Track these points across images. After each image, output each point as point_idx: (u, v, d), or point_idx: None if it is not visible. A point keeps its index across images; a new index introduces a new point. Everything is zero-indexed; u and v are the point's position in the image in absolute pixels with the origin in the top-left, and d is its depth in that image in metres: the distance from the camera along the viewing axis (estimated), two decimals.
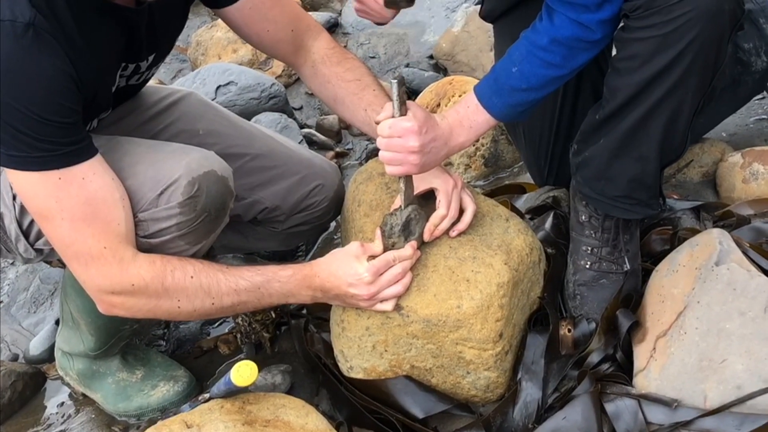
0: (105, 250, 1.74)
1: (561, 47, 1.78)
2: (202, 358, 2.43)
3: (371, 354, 1.96)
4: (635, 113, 1.81)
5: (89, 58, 1.71)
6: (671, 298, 1.90)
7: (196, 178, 1.80)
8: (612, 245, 2.06)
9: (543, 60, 1.79)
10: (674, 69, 1.72)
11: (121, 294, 1.79)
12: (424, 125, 1.78)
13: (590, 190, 2.00)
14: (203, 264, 1.84)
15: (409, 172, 1.84)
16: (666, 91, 1.75)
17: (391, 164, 1.81)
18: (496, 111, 1.87)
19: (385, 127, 1.78)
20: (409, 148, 1.77)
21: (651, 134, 1.84)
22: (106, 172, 1.74)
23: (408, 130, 1.76)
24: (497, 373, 1.95)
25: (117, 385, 2.25)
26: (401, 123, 1.76)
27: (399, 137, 1.77)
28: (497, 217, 2.05)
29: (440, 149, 1.85)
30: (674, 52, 1.70)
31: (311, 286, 1.89)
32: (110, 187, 1.74)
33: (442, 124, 1.86)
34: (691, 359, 1.79)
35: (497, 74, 1.86)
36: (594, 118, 1.92)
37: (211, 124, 2.27)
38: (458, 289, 1.88)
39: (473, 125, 1.89)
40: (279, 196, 2.25)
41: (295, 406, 1.90)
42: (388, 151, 1.80)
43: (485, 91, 1.88)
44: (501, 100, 1.85)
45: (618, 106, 1.83)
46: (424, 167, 1.83)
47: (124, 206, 1.76)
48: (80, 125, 1.71)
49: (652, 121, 1.81)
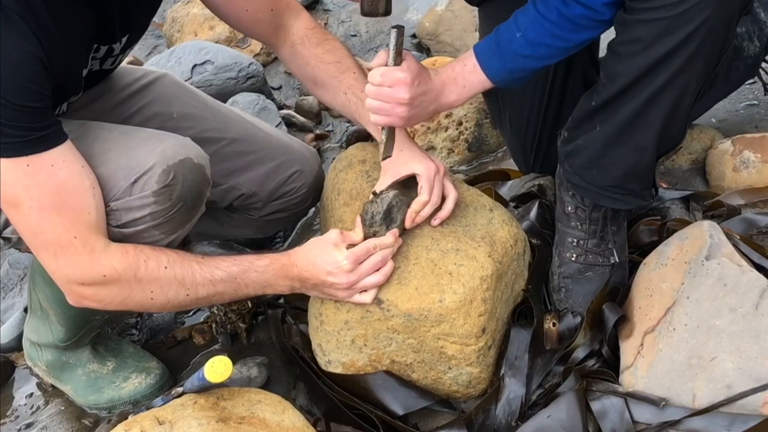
0: (75, 240, 1.68)
1: (569, 23, 1.73)
2: (175, 348, 2.38)
3: (350, 348, 1.91)
4: (635, 100, 1.75)
5: (59, 40, 1.64)
6: (660, 293, 1.86)
7: (171, 166, 1.74)
8: (599, 237, 2.02)
9: (549, 30, 1.74)
10: (680, 53, 1.65)
11: (91, 285, 1.73)
12: (417, 77, 1.74)
13: (580, 179, 1.95)
14: (178, 254, 1.78)
15: (395, 124, 1.79)
16: (670, 76, 1.69)
17: (378, 114, 1.77)
18: (494, 74, 1.83)
19: (377, 74, 1.74)
20: (398, 99, 1.73)
21: (650, 123, 1.78)
22: (76, 159, 1.68)
23: (400, 81, 1.72)
24: (480, 368, 1.91)
25: (87, 377, 2.20)
26: (394, 72, 1.72)
27: (389, 86, 1.73)
28: (481, 208, 2.00)
29: (429, 104, 1.81)
30: (682, 35, 1.63)
31: (289, 276, 1.84)
32: (80, 175, 1.67)
33: (434, 80, 1.81)
34: (680, 357, 1.75)
35: (500, 37, 1.80)
36: (589, 105, 1.86)
37: (186, 107, 2.20)
38: (440, 283, 1.84)
39: (467, 85, 1.85)
40: (256, 183, 2.19)
41: (271, 402, 1.85)
42: (377, 100, 1.76)
43: (485, 53, 1.82)
44: (501, 63, 1.80)
45: (616, 93, 1.77)
46: (410, 121, 1.79)
47: (94, 195, 1.70)
48: (50, 110, 1.65)
49: (652, 108, 1.75)
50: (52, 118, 1.65)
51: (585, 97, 1.91)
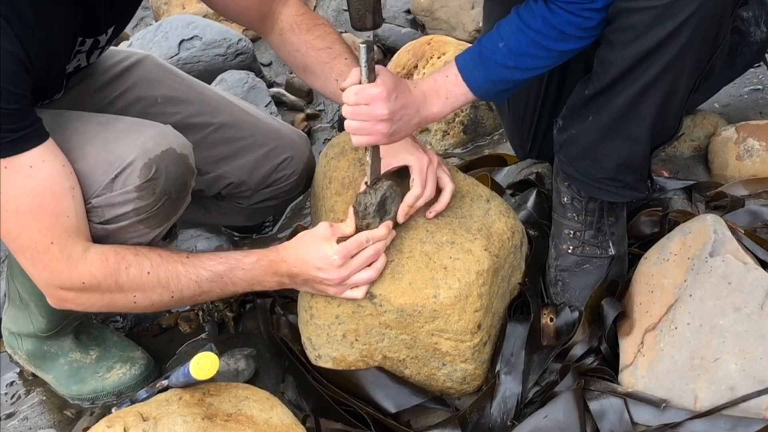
0: (52, 246, 1.62)
1: (554, 30, 1.68)
2: (161, 337, 2.33)
3: (341, 343, 1.86)
4: (628, 90, 1.71)
5: (42, 37, 1.58)
6: (661, 289, 1.81)
7: (153, 159, 1.68)
8: (596, 228, 1.97)
9: (533, 40, 1.69)
10: (671, 44, 1.62)
11: (71, 290, 1.69)
12: (393, 91, 1.67)
13: (574, 170, 1.91)
14: (162, 257, 1.73)
15: (378, 143, 1.73)
16: (662, 68, 1.65)
17: (358, 134, 1.71)
18: (476, 86, 1.77)
19: (351, 94, 1.67)
20: (377, 116, 1.67)
21: (643, 114, 1.74)
22: (56, 158, 1.61)
23: (375, 97, 1.65)
24: (474, 365, 1.86)
25: (70, 367, 2.14)
26: (368, 89, 1.65)
27: (366, 104, 1.66)
28: (477, 198, 1.95)
29: (411, 117, 1.75)
30: (672, 25, 1.59)
31: (277, 272, 1.79)
32: (60, 176, 1.61)
33: (415, 92, 1.75)
34: (682, 357, 1.71)
35: (483, 47, 1.75)
36: (582, 94, 1.81)
37: (170, 90, 2.13)
38: (435, 277, 1.79)
39: (449, 96, 1.78)
40: (245, 171, 2.13)
41: (258, 399, 1.80)
42: (355, 120, 1.69)
43: (468, 63, 1.77)
44: (483, 74, 1.75)
45: (609, 82, 1.72)
46: (393, 137, 1.73)
47: (74, 196, 1.64)
48: (29, 109, 1.58)
49: (645, 99, 1.71)
50: (31, 117, 1.58)
51: (579, 86, 1.86)
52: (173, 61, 3.08)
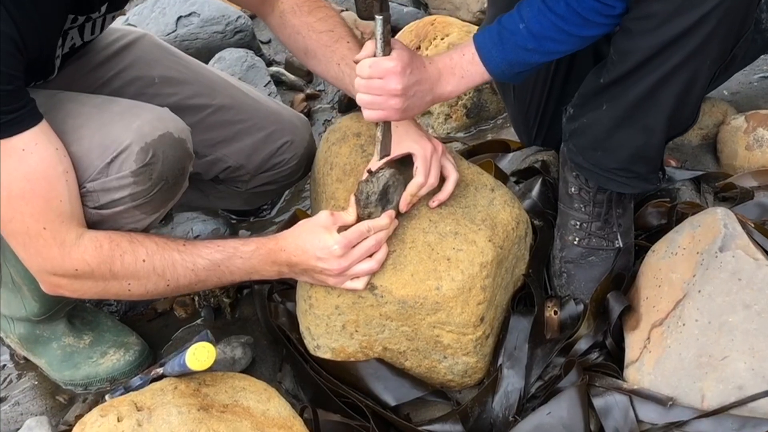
0: (44, 231, 1.59)
1: (577, 16, 1.64)
2: (156, 321, 2.29)
3: (340, 334, 1.83)
4: (646, 80, 1.67)
5: (34, 16, 1.53)
6: (669, 284, 1.78)
7: (149, 143, 1.64)
8: (603, 220, 1.94)
9: (555, 24, 1.65)
10: (695, 33, 1.57)
11: (64, 277, 1.66)
12: (408, 66, 1.63)
13: (584, 160, 1.87)
14: (158, 245, 1.70)
15: (390, 118, 1.69)
16: (683, 57, 1.61)
17: (370, 108, 1.67)
18: (494, 66, 1.73)
19: (365, 66, 1.63)
20: (390, 91, 1.63)
21: (661, 104, 1.70)
22: (49, 141, 1.57)
23: (390, 71, 1.61)
24: (476, 358, 1.83)
25: (63, 351, 2.11)
26: (383, 63, 1.61)
27: (380, 78, 1.62)
28: (482, 187, 1.91)
29: (425, 94, 1.71)
30: (698, 14, 1.55)
31: (276, 261, 1.75)
32: (53, 160, 1.57)
33: (429, 68, 1.71)
34: (689, 354, 1.68)
35: (502, 27, 1.71)
36: (597, 82, 1.77)
37: (168, 70, 2.08)
38: (438, 269, 1.75)
39: (465, 75, 1.75)
40: (243, 154, 2.09)
41: (256, 390, 1.77)
42: (368, 93, 1.65)
43: (486, 43, 1.73)
44: (501, 55, 1.71)
45: (627, 71, 1.68)
46: (405, 113, 1.69)
47: (67, 180, 1.60)
48: (22, 91, 1.54)
49: (664, 89, 1.67)
50: (24, 98, 1.54)
51: (593, 74, 1.82)
52: (170, 38, 3.03)
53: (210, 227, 2.48)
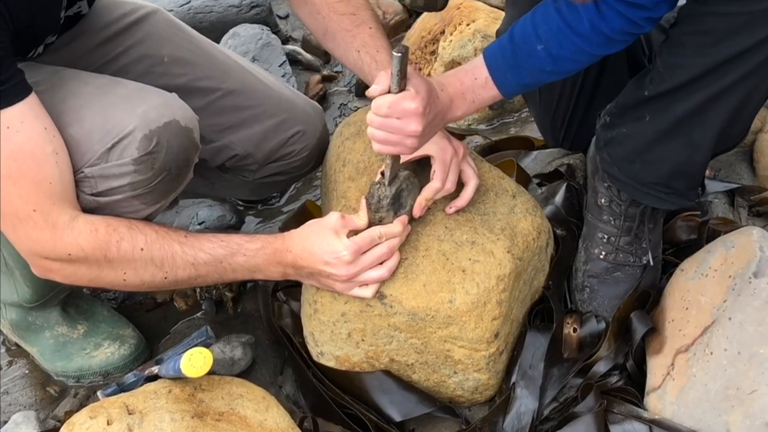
0: (35, 213, 1.52)
1: (601, 37, 1.57)
2: (154, 312, 2.23)
3: (346, 342, 1.76)
4: (696, 96, 1.59)
5: None
6: (697, 308, 1.70)
7: (154, 130, 1.57)
8: (633, 235, 1.86)
9: (575, 44, 1.58)
10: (756, 54, 1.49)
11: (56, 260, 1.59)
12: (428, 105, 1.53)
13: (619, 171, 1.79)
14: (158, 234, 1.63)
15: (401, 153, 1.61)
16: (740, 76, 1.53)
17: (384, 144, 1.57)
18: (508, 89, 1.67)
19: (383, 106, 1.51)
20: (409, 132, 1.52)
21: (710, 121, 1.62)
22: (37, 118, 1.49)
23: (411, 113, 1.50)
24: (488, 375, 1.76)
25: (56, 341, 2.05)
26: (403, 103, 1.49)
27: (398, 118, 1.52)
28: (503, 193, 1.83)
29: (437, 125, 1.63)
30: (762, 34, 1.46)
31: (282, 262, 1.69)
32: (41, 139, 1.50)
33: (442, 97, 1.62)
34: (716, 385, 1.60)
35: (517, 48, 1.63)
36: (640, 93, 1.69)
37: (178, 50, 2.00)
38: (452, 281, 1.68)
39: (476, 99, 1.68)
40: (252, 142, 2.01)
41: (254, 398, 1.71)
42: (382, 131, 1.54)
43: (500, 66, 1.65)
44: (517, 78, 1.64)
45: (676, 86, 1.60)
46: (418, 149, 1.61)
47: (58, 162, 1.52)
48: (6, 62, 1.45)
49: (715, 106, 1.59)
50: (10, 71, 1.46)
51: (634, 83, 1.73)
52: (184, 10, 2.94)
53: (216, 213, 2.41)
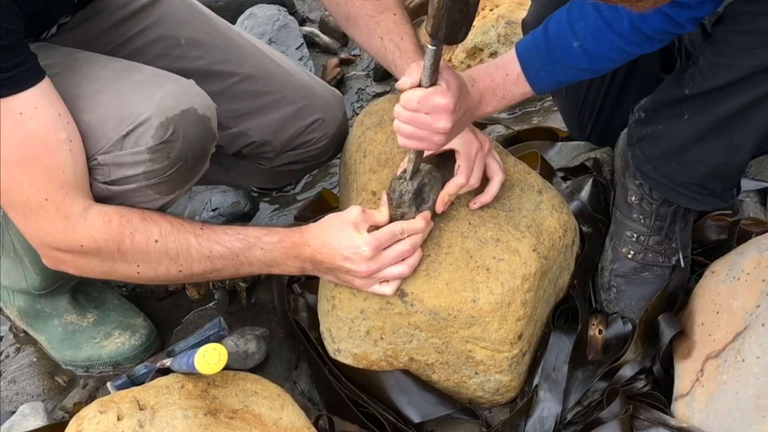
0: (46, 203, 1.48)
1: (641, 36, 1.53)
2: (166, 301, 2.19)
3: (364, 340, 1.72)
4: (740, 97, 1.54)
5: None
6: (729, 312, 1.66)
7: (170, 118, 1.52)
8: (664, 235, 1.81)
9: (614, 43, 1.54)
10: None
11: (68, 252, 1.55)
12: (459, 101, 1.48)
13: (652, 170, 1.74)
14: (173, 225, 1.59)
15: (428, 150, 1.56)
16: None
17: (410, 139, 1.52)
18: (540, 86, 1.63)
19: (413, 100, 1.45)
20: (438, 129, 1.47)
21: (753, 123, 1.57)
22: (50, 104, 1.45)
23: (442, 109, 1.45)
24: (510, 376, 1.72)
25: (65, 329, 2.02)
26: (434, 98, 1.44)
27: (427, 114, 1.46)
28: (529, 189, 1.78)
29: (467, 122, 1.59)
30: None
31: (300, 257, 1.65)
32: (54, 125, 1.46)
33: (472, 92, 1.57)
34: (747, 394, 1.56)
35: (552, 44, 1.58)
36: (679, 91, 1.64)
37: (195, 32, 1.95)
38: (475, 279, 1.63)
39: (507, 96, 1.64)
40: (270, 130, 1.96)
41: (269, 395, 1.67)
42: (410, 125, 1.49)
43: (533, 62, 1.61)
44: (551, 75, 1.60)
45: (720, 85, 1.55)
46: (445, 145, 1.56)
47: (72, 149, 1.48)
48: (20, 45, 1.41)
49: (759, 109, 1.54)
50: (23, 54, 1.42)
51: (674, 79, 1.68)
52: None
53: (230, 200, 2.37)
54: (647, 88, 1.85)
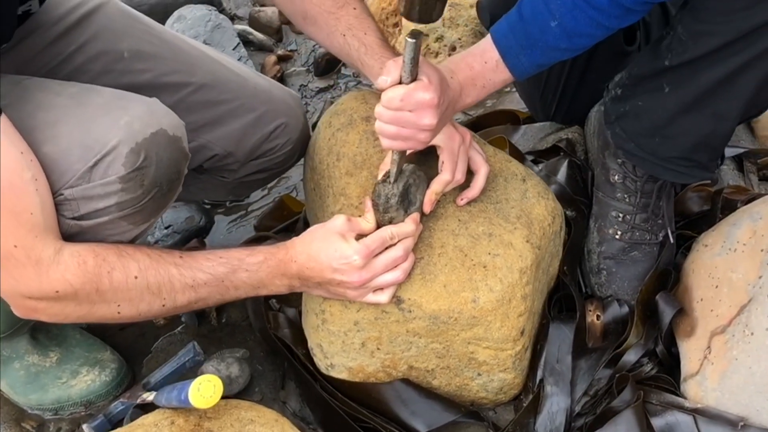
0: (16, 250, 1.37)
1: (619, 9, 1.47)
2: (129, 330, 2.07)
3: (359, 352, 1.66)
4: (724, 64, 1.51)
5: None
6: (729, 285, 1.64)
7: (140, 143, 1.42)
8: (651, 211, 1.79)
9: (593, 18, 1.48)
10: None
11: (42, 300, 1.44)
12: (442, 95, 1.43)
13: (636, 147, 1.71)
14: (151, 258, 1.49)
15: (412, 149, 1.51)
16: None
17: (394, 140, 1.46)
18: (520, 71, 1.57)
19: (396, 99, 1.40)
20: (423, 126, 1.42)
21: (738, 90, 1.55)
22: (11, 143, 1.34)
23: (426, 104, 1.40)
24: (514, 374, 1.68)
25: (27, 372, 1.90)
26: (417, 94, 1.39)
27: (411, 111, 1.41)
28: (512, 177, 1.74)
29: (448, 116, 1.53)
30: None
31: (287, 274, 1.57)
32: (18, 165, 1.34)
33: (452, 85, 1.52)
34: (761, 367, 1.54)
35: (529, 28, 1.52)
36: (659, 64, 1.61)
37: (138, 43, 1.84)
38: (473, 278, 1.59)
39: (487, 85, 1.58)
40: (232, 140, 1.87)
41: (266, 422, 1.59)
42: (393, 125, 1.44)
43: (511, 47, 1.55)
44: (530, 59, 1.54)
45: (701, 54, 1.52)
46: (429, 143, 1.51)
47: (38, 189, 1.37)
48: None
49: (744, 74, 1.52)
50: None
51: (650, 51, 1.65)
52: None
53: (183, 215, 2.28)
54: (611, 63, 1.83)
